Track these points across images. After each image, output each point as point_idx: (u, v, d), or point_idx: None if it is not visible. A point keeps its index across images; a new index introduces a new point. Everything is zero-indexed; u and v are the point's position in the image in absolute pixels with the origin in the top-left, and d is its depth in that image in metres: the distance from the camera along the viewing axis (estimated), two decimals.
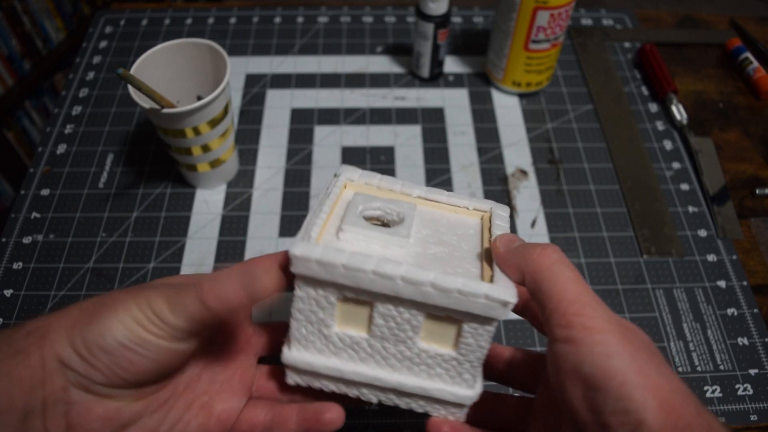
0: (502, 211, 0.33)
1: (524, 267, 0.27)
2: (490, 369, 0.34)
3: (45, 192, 0.53)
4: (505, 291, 0.26)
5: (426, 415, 0.32)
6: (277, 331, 0.35)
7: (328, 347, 0.30)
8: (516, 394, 0.35)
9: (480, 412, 0.32)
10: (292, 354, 0.30)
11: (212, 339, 0.32)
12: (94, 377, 0.25)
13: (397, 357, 0.30)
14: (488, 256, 0.30)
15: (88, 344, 0.25)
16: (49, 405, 0.25)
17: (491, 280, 0.28)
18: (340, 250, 0.27)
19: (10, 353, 0.25)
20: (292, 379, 0.32)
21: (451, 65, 0.64)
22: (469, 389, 0.30)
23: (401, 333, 0.29)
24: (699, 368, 0.43)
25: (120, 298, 0.27)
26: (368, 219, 0.32)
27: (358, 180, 0.34)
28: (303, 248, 0.27)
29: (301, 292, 0.29)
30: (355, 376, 0.30)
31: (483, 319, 0.27)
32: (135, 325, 0.26)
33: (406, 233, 0.30)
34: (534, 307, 0.31)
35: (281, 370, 0.32)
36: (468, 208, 0.34)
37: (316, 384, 0.31)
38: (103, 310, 0.26)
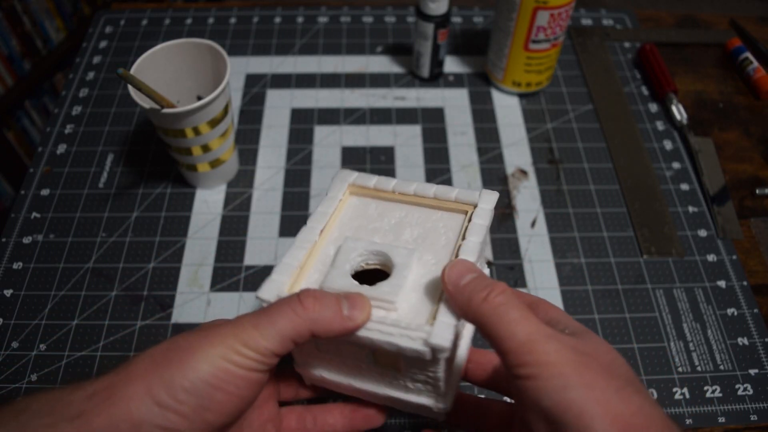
0: (485, 204, 0.33)
1: (470, 313, 0.26)
2: (478, 375, 0.34)
3: (45, 192, 0.53)
4: (438, 335, 0.27)
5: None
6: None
7: (326, 368, 0.32)
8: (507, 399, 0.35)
9: (467, 417, 0.33)
10: (299, 366, 0.32)
11: None
12: (178, 426, 0.24)
13: (377, 378, 0.32)
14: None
15: (172, 389, 0.24)
16: None
17: (434, 316, 0.28)
18: None
19: (66, 417, 0.23)
20: (308, 380, 0.33)
21: (451, 65, 0.64)
22: (441, 403, 0.31)
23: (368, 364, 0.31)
24: (699, 368, 0.43)
25: (200, 337, 0.26)
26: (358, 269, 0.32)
27: (353, 182, 0.35)
28: (268, 294, 0.29)
29: None
30: (354, 386, 0.32)
31: (422, 361, 0.28)
32: (222, 361, 0.25)
33: (392, 299, 0.29)
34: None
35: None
36: (451, 199, 0.34)
37: (329, 386, 0.33)
38: (182, 353, 0.25)
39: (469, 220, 0.32)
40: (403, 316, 0.29)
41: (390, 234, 0.33)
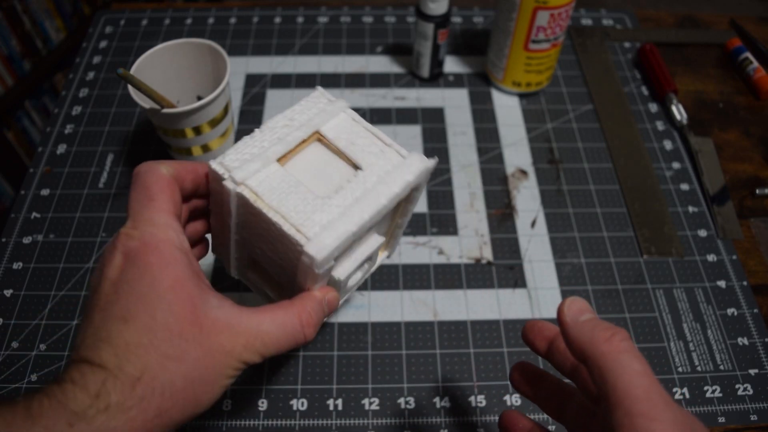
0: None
1: (588, 349, 0.25)
2: (538, 346, 0.33)
3: (45, 192, 0.53)
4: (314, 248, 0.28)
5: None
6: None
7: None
8: None
9: (548, 398, 0.32)
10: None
11: None
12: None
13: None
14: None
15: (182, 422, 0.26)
16: None
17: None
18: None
19: None
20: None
21: (451, 65, 0.64)
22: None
23: None
24: (699, 368, 0.43)
25: (217, 362, 0.27)
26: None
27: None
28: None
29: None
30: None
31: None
32: (228, 381, 0.28)
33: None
34: (563, 357, 0.31)
35: None
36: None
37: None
38: (203, 390, 0.27)
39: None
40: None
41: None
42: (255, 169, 0.30)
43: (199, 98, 0.51)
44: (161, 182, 0.29)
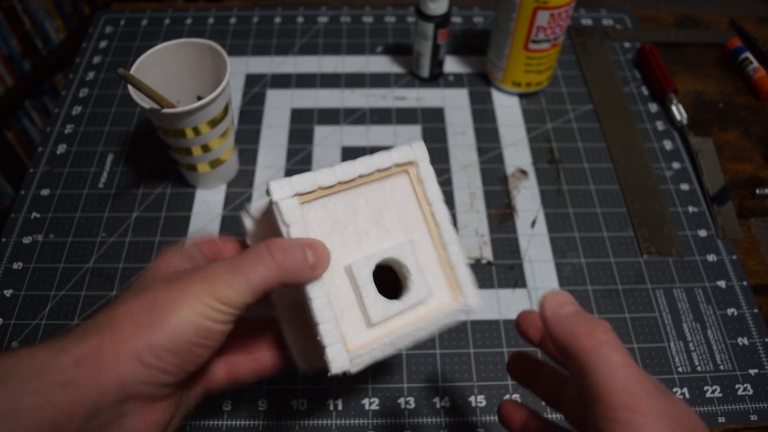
0: (422, 158, 0.34)
1: (570, 344, 0.25)
2: (531, 335, 0.32)
3: (45, 192, 0.53)
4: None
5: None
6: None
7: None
8: None
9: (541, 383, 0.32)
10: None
11: None
12: (162, 379, 0.26)
13: None
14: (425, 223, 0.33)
15: (156, 350, 0.25)
16: (105, 427, 0.25)
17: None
18: None
19: (56, 383, 0.24)
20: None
21: (451, 65, 0.64)
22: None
23: None
24: (699, 368, 0.43)
25: (177, 294, 0.26)
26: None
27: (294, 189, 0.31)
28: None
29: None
30: None
31: None
32: (202, 319, 0.26)
33: (426, 299, 0.32)
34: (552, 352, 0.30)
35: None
36: (392, 165, 0.33)
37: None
38: (162, 314, 0.26)
39: (418, 181, 0.34)
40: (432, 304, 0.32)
41: (369, 226, 0.32)
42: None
43: (199, 98, 0.51)
44: None
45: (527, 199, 0.53)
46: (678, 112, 0.58)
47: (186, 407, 0.30)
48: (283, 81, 0.62)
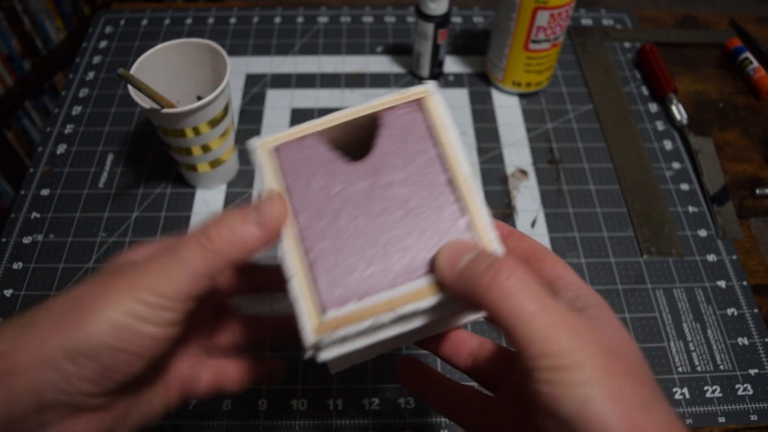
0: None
1: (477, 299, 0.23)
2: (454, 356, 0.31)
3: (45, 192, 0.53)
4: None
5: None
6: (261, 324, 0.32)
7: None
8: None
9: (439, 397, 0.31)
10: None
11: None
12: (84, 388, 0.22)
13: None
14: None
15: (71, 355, 0.22)
16: None
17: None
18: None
19: None
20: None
21: (451, 65, 0.64)
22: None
23: None
24: (699, 368, 0.43)
25: (102, 288, 0.23)
26: None
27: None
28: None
29: None
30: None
31: None
32: (128, 318, 0.22)
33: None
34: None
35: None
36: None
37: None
38: (82, 312, 0.22)
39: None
40: None
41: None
42: None
43: (199, 98, 0.51)
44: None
45: (527, 199, 0.53)
46: (678, 112, 0.58)
47: (140, 418, 0.26)
48: (283, 81, 0.62)
